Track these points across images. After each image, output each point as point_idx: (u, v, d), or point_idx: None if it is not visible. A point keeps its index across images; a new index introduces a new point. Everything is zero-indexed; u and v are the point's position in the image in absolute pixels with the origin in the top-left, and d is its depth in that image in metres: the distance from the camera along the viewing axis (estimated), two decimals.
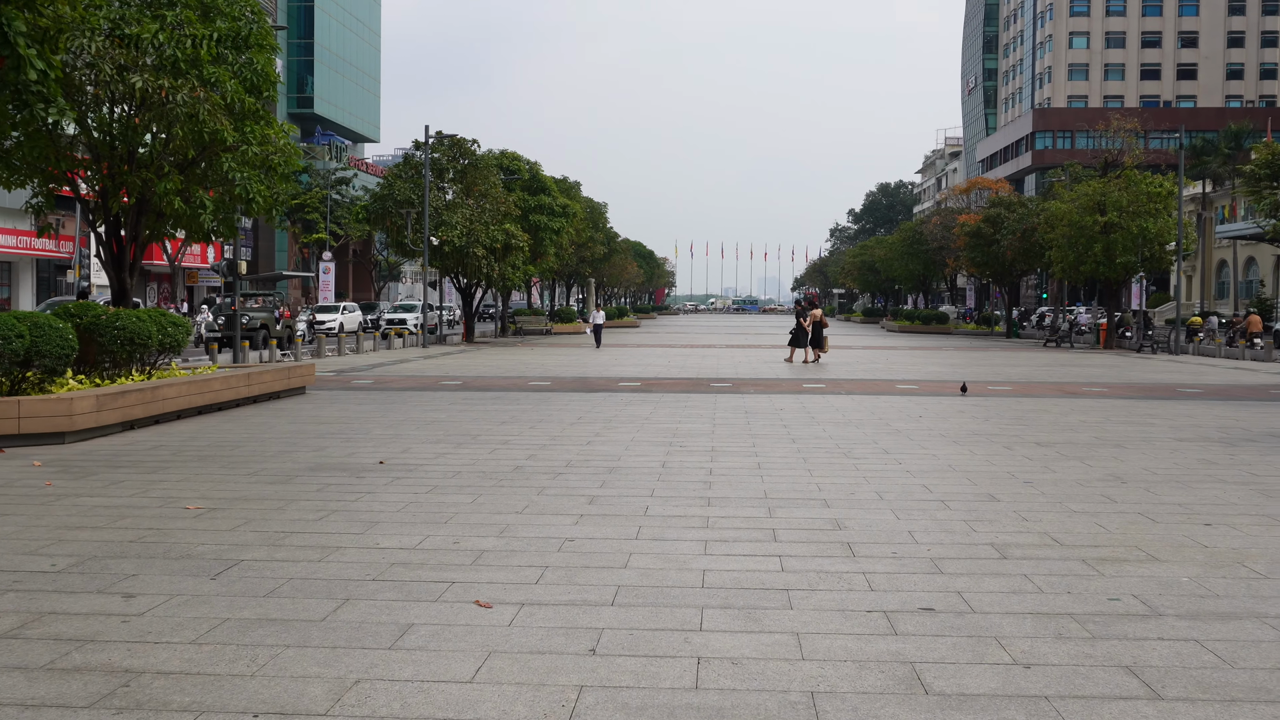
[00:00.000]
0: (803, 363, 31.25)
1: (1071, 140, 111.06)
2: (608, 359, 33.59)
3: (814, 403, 18.88)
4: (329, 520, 8.29)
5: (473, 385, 22.53)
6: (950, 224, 71.55)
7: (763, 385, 23.07)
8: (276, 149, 20.93)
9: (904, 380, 24.90)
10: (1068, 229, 46.28)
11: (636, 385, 22.81)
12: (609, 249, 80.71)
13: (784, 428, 14.90)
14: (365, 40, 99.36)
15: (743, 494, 9.55)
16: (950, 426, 15.20)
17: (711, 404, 18.52)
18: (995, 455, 12.23)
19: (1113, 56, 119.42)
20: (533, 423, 15.28)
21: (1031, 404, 18.99)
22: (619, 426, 14.88)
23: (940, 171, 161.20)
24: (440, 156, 48.10)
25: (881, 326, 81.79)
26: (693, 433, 14.20)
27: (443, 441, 13.12)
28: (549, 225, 53.17)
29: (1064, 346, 47.54)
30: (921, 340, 55.24)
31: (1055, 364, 32.75)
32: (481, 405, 17.94)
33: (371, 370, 27.27)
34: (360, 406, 17.64)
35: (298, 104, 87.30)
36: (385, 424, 15.02)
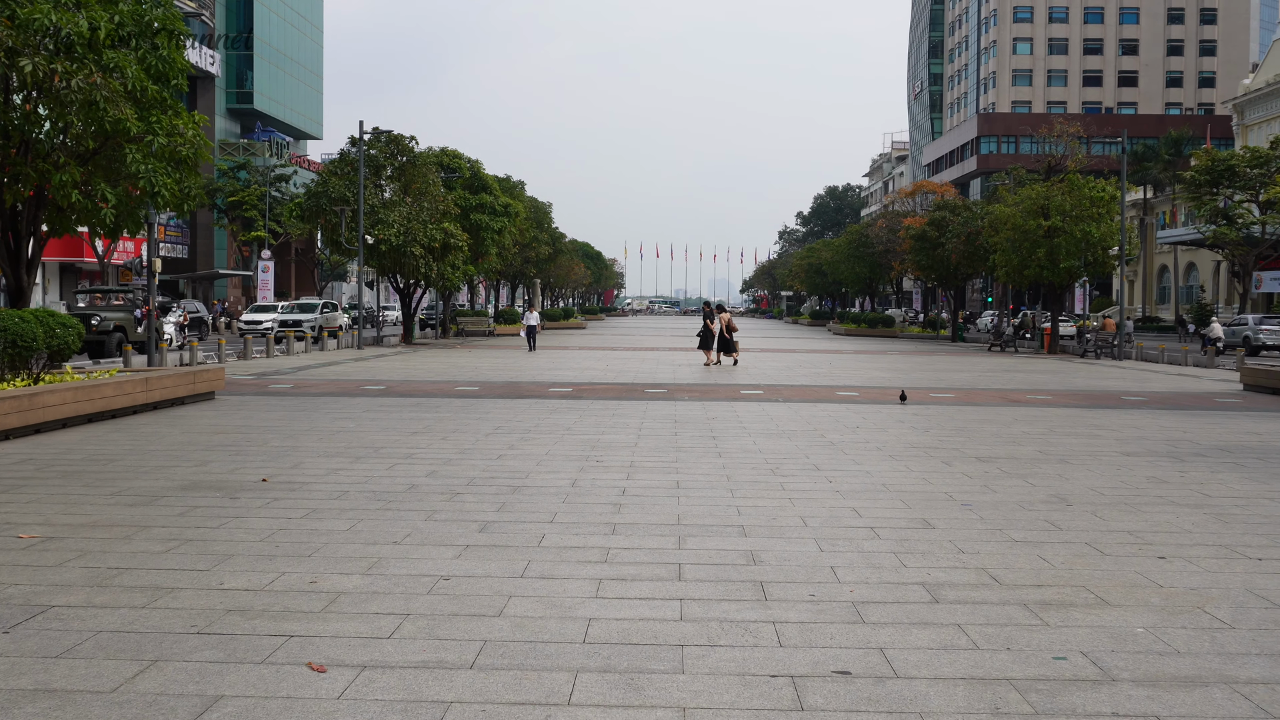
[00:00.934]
0: (711, 365, 31.14)
1: (1016, 145, 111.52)
2: (545, 362, 32.61)
3: (748, 411, 18.04)
4: (176, 553, 7.29)
5: (396, 390, 21.49)
6: (895, 227, 71.17)
7: (698, 391, 22.21)
8: (185, 140, 19.75)
9: (844, 386, 24.15)
10: (1011, 232, 45.85)
11: (568, 391, 21.88)
12: (554, 249, 79.63)
13: (712, 439, 14.03)
14: (307, 36, 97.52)
15: (653, 519, 8.65)
16: (888, 439, 14.41)
17: (641, 412, 17.63)
18: (933, 472, 11.42)
19: (1055, 62, 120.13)
20: (445, 433, 14.30)
21: (974, 413, 18.27)
22: (537, 438, 13.94)
23: (887, 175, 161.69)
24: (377, 153, 46.87)
25: (828, 329, 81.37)
26: (614, 445, 13.29)
27: (341, 455, 12.11)
28: (490, 225, 51.99)
29: (1008, 351, 47.16)
30: (867, 343, 54.72)
31: (999, 369, 32.19)
32: (397, 413, 16.93)
33: (295, 374, 26.12)
34: (267, 414, 16.56)
35: (237, 99, 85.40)
36: (286, 434, 13.98)
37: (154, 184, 18.91)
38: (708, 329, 31.60)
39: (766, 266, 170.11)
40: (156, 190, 19.04)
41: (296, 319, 51.04)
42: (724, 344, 31.57)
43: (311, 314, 52.49)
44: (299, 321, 50.71)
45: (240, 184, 74.40)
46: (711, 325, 31.50)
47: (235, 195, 73.16)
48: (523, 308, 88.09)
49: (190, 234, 77.00)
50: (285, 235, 76.31)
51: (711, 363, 31.60)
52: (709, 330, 31.55)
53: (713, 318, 31.70)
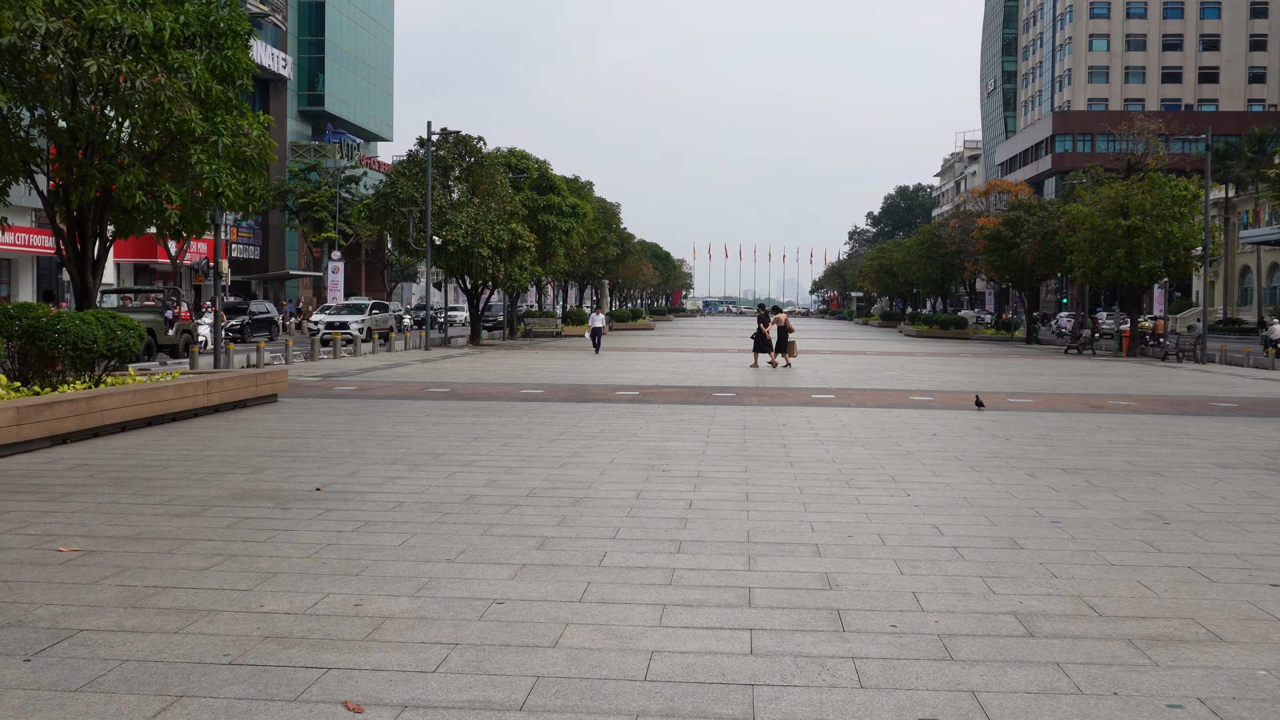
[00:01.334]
0: (768, 365, 31.21)
1: (1092, 143, 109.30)
2: (611, 364, 32.22)
3: (820, 417, 17.48)
4: (218, 570, 6.94)
5: (460, 393, 21.19)
6: (969, 227, 69.88)
7: (768, 395, 21.66)
8: (250, 141, 19.60)
9: (918, 391, 23.46)
10: (1089, 232, 44.67)
11: (634, 395, 21.44)
12: (623, 250, 79.28)
13: (783, 447, 13.51)
14: (378, 38, 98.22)
15: (722, 536, 8.16)
16: (967, 447, 13.78)
17: (709, 417, 17.14)
18: (1017, 485, 10.81)
19: (1133, 59, 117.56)
20: (507, 439, 13.92)
21: (1055, 420, 17.54)
22: (601, 444, 13.51)
23: (959, 175, 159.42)
24: (445, 154, 46.80)
25: (899, 330, 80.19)
26: (681, 453, 12.82)
27: (399, 462, 11.76)
28: (558, 225, 51.77)
29: (1085, 354, 45.98)
30: (939, 346, 53.70)
31: (1078, 373, 31.23)
32: (459, 417, 16.60)
33: (360, 376, 25.97)
34: (328, 418, 16.31)
35: (308, 101, 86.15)
36: (345, 439, 13.68)
37: (218, 184, 18.77)
38: (762, 333, 31.30)
39: (836, 267, 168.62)
40: (221, 191, 18.90)
41: (343, 320, 49.81)
42: (781, 345, 31.20)
43: (360, 315, 51.48)
44: (345, 323, 49.43)
45: (311, 185, 75.00)
46: (766, 329, 31.21)
47: (306, 197, 73.76)
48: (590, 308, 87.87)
49: (262, 235, 77.76)
50: (355, 236, 76.78)
51: (759, 365, 31.40)
52: (763, 334, 31.26)
53: (767, 320, 31.39)
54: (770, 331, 31.35)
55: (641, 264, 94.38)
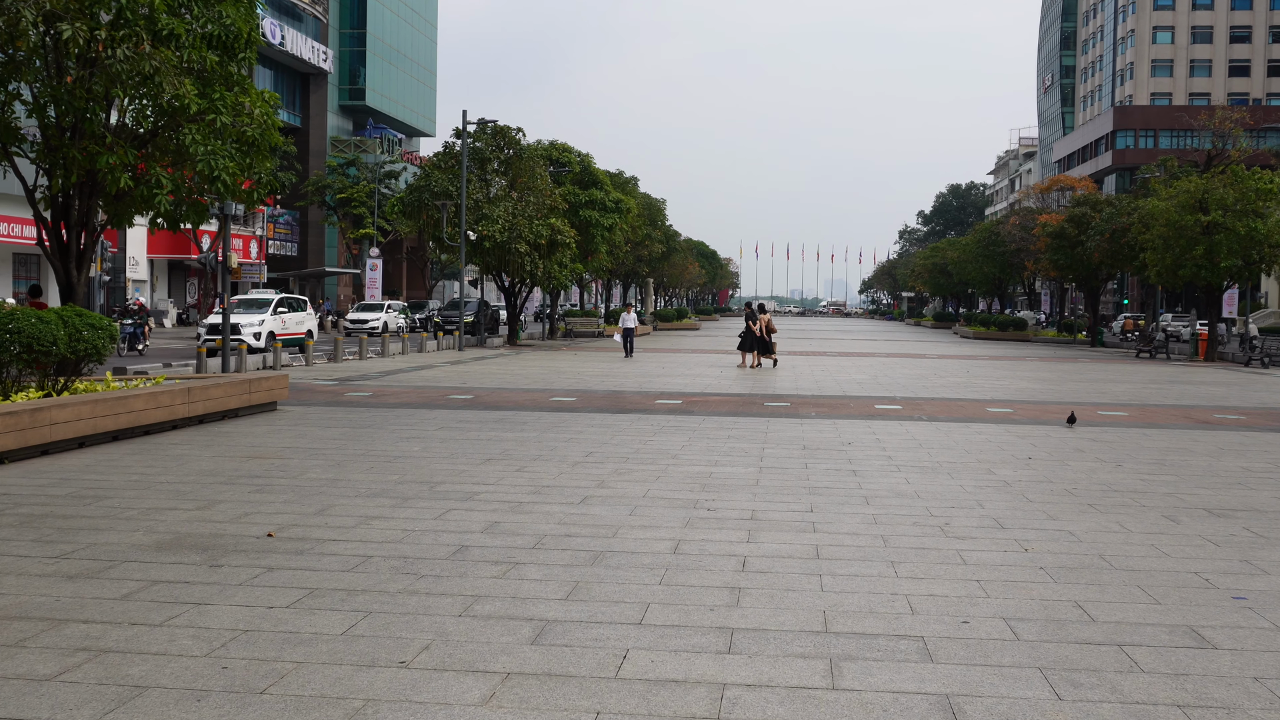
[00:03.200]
0: (750, 368, 30.04)
1: (1155, 139, 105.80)
2: (653, 368, 30.02)
3: (889, 433, 15.18)
4: (63, 683, 4.80)
5: (482, 401, 19.08)
6: (1030, 224, 67.01)
7: (826, 405, 19.36)
8: (252, 119, 17.59)
9: (992, 400, 21.07)
10: (1165, 229, 41.89)
11: (676, 404, 19.23)
12: (668, 248, 77.01)
13: (853, 475, 11.24)
14: (420, 32, 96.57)
15: (789, 622, 5.94)
16: (1074, 476, 11.45)
17: (762, 433, 14.89)
18: (1159, 535, 8.50)
19: (1199, 52, 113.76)
20: (524, 462, 11.75)
21: (1163, 439, 15.13)
22: (634, 470, 11.30)
23: (1014, 172, 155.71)
24: (483, 146, 44.79)
25: (954, 332, 77.35)
26: (730, 483, 10.59)
27: (386, 494, 9.63)
28: (600, 221, 49.55)
29: (1159, 358, 43.21)
30: (999, 348, 51.01)
31: (1161, 380, 28.65)
32: (475, 432, 14.47)
33: (381, 379, 23.96)
34: (324, 431, 14.22)
35: (349, 96, 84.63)
36: (333, 460, 11.58)
37: (213, 167, 16.76)
38: (750, 330, 30.52)
39: (886, 267, 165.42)
40: (216, 174, 16.90)
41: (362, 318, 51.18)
42: (763, 346, 30.54)
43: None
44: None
45: (349, 180, 73.30)
46: (754, 327, 30.41)
47: (344, 192, 72.07)
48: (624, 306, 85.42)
49: (300, 231, 76.26)
50: (394, 233, 75.06)
51: (747, 366, 30.39)
52: (750, 332, 30.48)
53: (755, 319, 30.55)
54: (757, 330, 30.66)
55: (687, 262, 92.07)
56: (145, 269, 55.97)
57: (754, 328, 30.39)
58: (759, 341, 30.45)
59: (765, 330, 30.41)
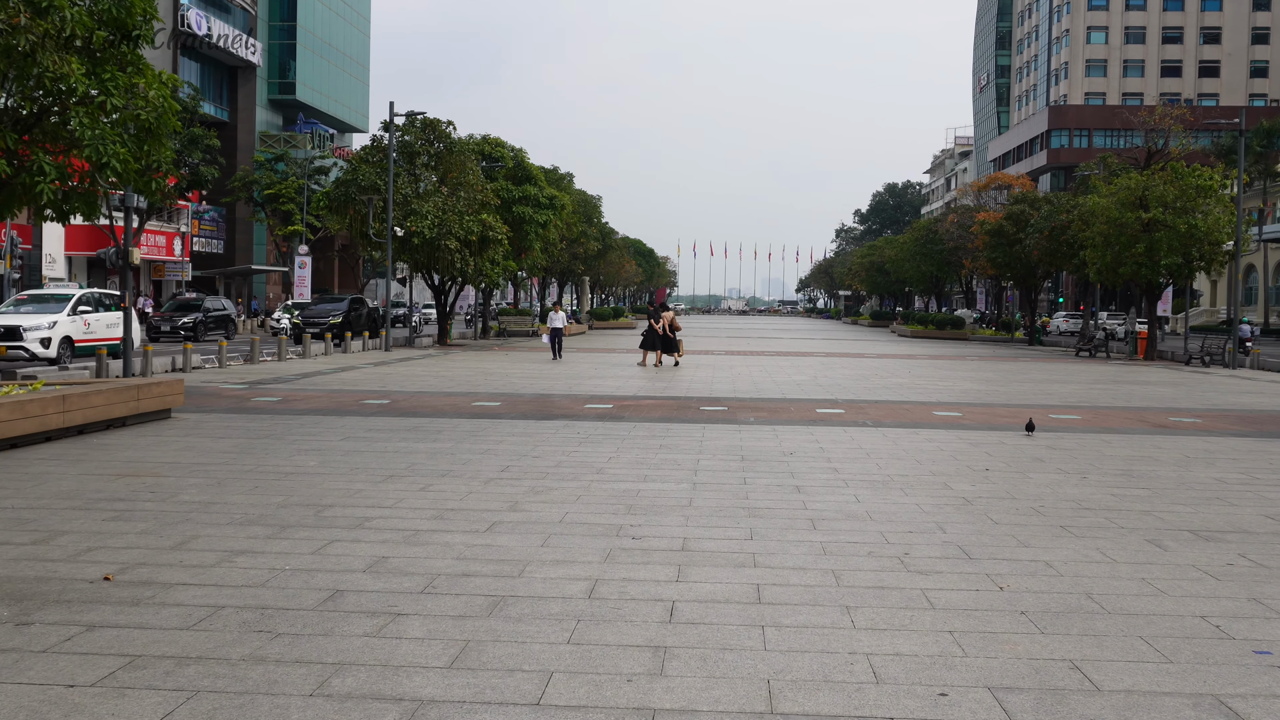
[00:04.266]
0: (653, 366, 29.79)
1: (1089, 138, 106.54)
2: (586, 369, 28.81)
3: (834, 441, 14.09)
4: None
5: (399, 407, 17.75)
6: (968, 222, 66.62)
7: (765, 410, 18.26)
8: (147, 103, 16.13)
9: (939, 403, 20.10)
10: (1105, 226, 41.36)
11: (606, 409, 18.03)
12: (604, 245, 75.76)
13: (797, 492, 10.11)
14: (354, 25, 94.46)
15: (724, 699, 4.74)
16: (1038, 490, 10.41)
17: (697, 441, 13.74)
18: (1148, 564, 7.44)
19: (1132, 52, 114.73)
20: (431, 479, 10.49)
21: (1124, 445, 14.19)
22: (554, 488, 10.08)
23: (950, 171, 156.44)
24: (412, 139, 43.27)
25: (892, 330, 76.88)
26: (659, 503, 9.41)
27: (263, 521, 8.33)
28: (534, 218, 48.21)
29: (1099, 357, 42.74)
30: (939, 347, 50.39)
31: (1105, 380, 27.94)
32: (383, 442, 13.17)
33: (295, 382, 22.53)
34: (216, 443, 12.85)
35: (279, 90, 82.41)
36: (215, 479, 10.25)
37: (101, 153, 15.29)
38: (652, 329, 30.27)
39: (823, 265, 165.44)
40: (105, 161, 15.42)
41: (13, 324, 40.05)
42: (667, 344, 30.20)
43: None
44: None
45: (278, 176, 71.22)
46: (658, 326, 30.14)
47: (272, 188, 69.99)
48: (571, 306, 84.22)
49: (227, 228, 74.07)
50: (324, 230, 73.10)
51: (649, 364, 30.15)
52: (653, 330, 30.19)
53: (658, 318, 30.23)
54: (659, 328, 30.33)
55: (624, 260, 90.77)
56: (63, 266, 53.67)
57: (656, 326, 30.08)
58: (662, 339, 30.14)
59: (668, 329, 30.12)
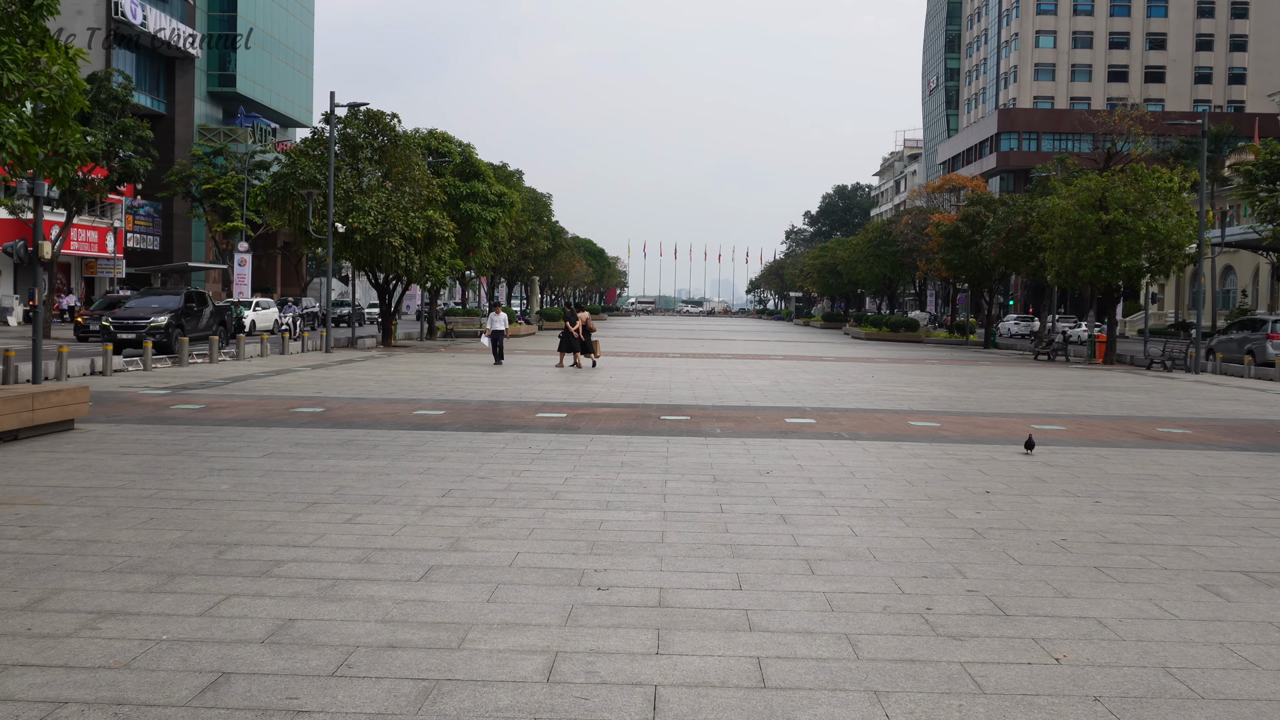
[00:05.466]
0: (571, 366, 29.82)
1: (1038, 142, 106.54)
2: (536, 373, 27.39)
3: (811, 456, 12.81)
4: None
5: (333, 416, 16.27)
6: (922, 224, 65.91)
7: (731, 419, 16.96)
8: (49, 79, 14.55)
9: (913, 412, 18.92)
10: (1065, 228, 40.55)
11: (560, 417, 16.65)
12: (554, 245, 74.21)
13: (782, 522, 8.81)
14: (296, 18, 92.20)
15: None
16: (1052, 518, 9.17)
17: (662, 458, 12.40)
18: (1216, 621, 6.20)
19: (1080, 57, 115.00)
20: (361, 507, 9.06)
21: (1123, 462, 13.02)
22: (502, 519, 8.70)
23: (899, 174, 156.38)
24: (354, 132, 41.58)
25: (845, 332, 76.02)
26: (627, 538, 8.06)
27: (148, 567, 6.88)
28: (483, 215, 46.61)
29: (1058, 360, 41.95)
30: (895, 350, 49.44)
31: (1075, 386, 26.95)
32: (311, 459, 11.71)
33: (226, 386, 20.95)
34: (118, 461, 11.33)
35: (219, 82, 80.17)
36: (102, 510, 8.76)
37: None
38: (568, 331, 30.21)
39: (774, 266, 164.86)
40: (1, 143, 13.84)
41: None
42: (582, 345, 30.17)
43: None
44: None
45: (216, 171, 68.98)
46: (574, 328, 30.07)
47: (211, 183, 67.76)
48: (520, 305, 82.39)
49: (164, 224, 71.79)
50: (266, 226, 70.99)
51: (565, 365, 30.10)
52: (569, 332, 30.17)
53: (574, 319, 30.21)
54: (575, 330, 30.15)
55: (574, 260, 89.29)
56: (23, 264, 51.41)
57: (572, 329, 30.02)
58: (578, 342, 30.07)
59: (583, 330, 30.08)
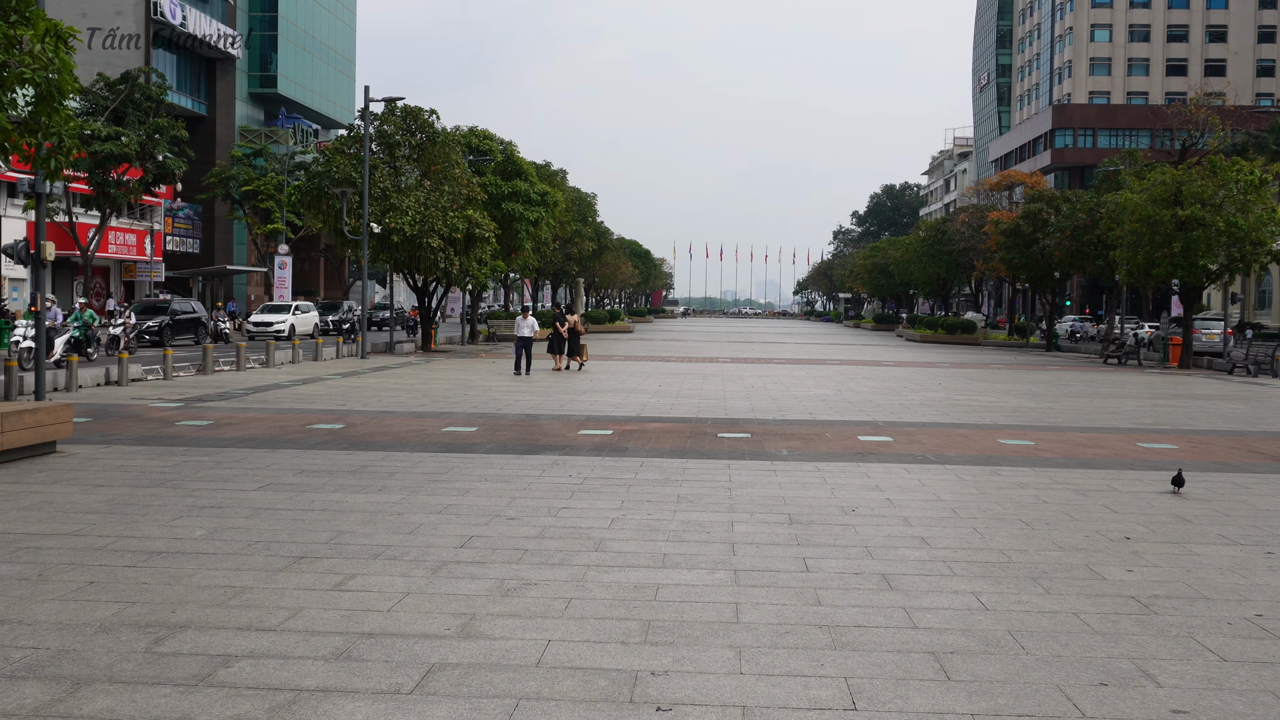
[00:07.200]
0: (561, 369, 29.52)
1: (1094, 138, 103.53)
2: (580, 380, 25.63)
3: (899, 487, 10.91)
4: None
5: (352, 434, 14.56)
6: (979, 222, 63.52)
7: (796, 437, 15.08)
8: (33, 59, 12.96)
9: (997, 426, 16.94)
10: (1137, 224, 38.22)
11: (606, 435, 14.85)
12: (599, 246, 72.45)
13: (886, 586, 6.94)
14: (338, 18, 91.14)
15: None
16: (1233, 583, 7.23)
17: (724, 489, 10.57)
18: None
19: (1137, 50, 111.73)
20: (359, 563, 7.29)
21: (1272, 494, 11.03)
22: (532, 584, 6.89)
23: (949, 172, 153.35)
24: (391, 129, 40.03)
25: (898, 335, 73.71)
26: (691, 617, 6.22)
27: (47, 668, 5.14)
28: (525, 215, 44.83)
29: (1129, 364, 39.63)
30: (955, 354, 47.24)
31: (1163, 394, 24.80)
32: (313, 491, 9.98)
33: (244, 397, 19.36)
34: (86, 497, 9.64)
35: (260, 83, 79.15)
36: (38, 566, 7.04)
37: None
38: (558, 332, 30.02)
39: (822, 267, 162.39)
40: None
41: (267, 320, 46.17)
42: (572, 348, 30.18)
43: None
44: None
45: (256, 172, 67.79)
46: (563, 330, 29.97)
47: (250, 184, 66.56)
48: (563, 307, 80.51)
49: (204, 226, 70.74)
50: (307, 229, 69.78)
51: (560, 367, 29.81)
52: (559, 334, 30.00)
53: (563, 320, 30.10)
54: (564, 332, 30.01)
55: (620, 261, 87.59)
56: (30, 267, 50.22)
57: (562, 330, 29.89)
58: (564, 343, 29.94)
59: (572, 332, 30.05)
